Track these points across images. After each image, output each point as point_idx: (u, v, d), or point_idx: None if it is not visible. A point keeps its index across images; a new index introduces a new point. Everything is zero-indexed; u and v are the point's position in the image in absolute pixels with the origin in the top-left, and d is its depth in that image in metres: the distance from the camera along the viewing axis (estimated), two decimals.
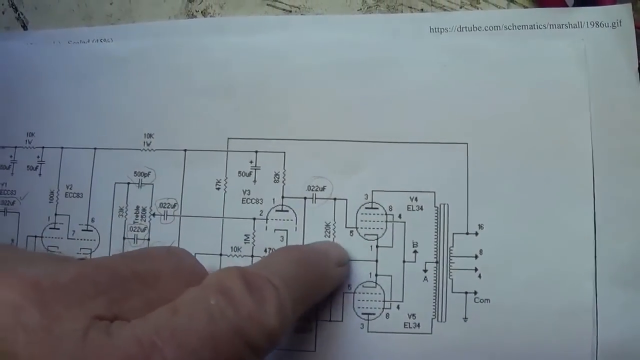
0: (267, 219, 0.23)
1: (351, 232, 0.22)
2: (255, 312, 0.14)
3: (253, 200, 0.23)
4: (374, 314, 0.22)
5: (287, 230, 0.23)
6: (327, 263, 0.20)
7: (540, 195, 0.22)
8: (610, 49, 0.23)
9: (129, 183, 0.23)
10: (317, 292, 0.19)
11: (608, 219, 0.22)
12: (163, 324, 0.13)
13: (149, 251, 0.17)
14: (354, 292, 0.22)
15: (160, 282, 0.15)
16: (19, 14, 0.25)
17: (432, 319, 0.22)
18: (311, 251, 0.20)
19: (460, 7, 0.24)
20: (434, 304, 0.22)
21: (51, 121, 0.24)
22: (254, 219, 0.23)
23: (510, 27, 0.24)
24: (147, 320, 0.13)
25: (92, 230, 0.23)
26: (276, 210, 0.23)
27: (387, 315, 0.22)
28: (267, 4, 0.25)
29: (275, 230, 0.23)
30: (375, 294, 0.22)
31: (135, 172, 0.23)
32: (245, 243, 0.23)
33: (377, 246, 0.22)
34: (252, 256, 0.23)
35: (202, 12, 0.25)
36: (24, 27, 0.25)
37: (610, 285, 0.22)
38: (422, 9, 0.24)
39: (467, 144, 0.23)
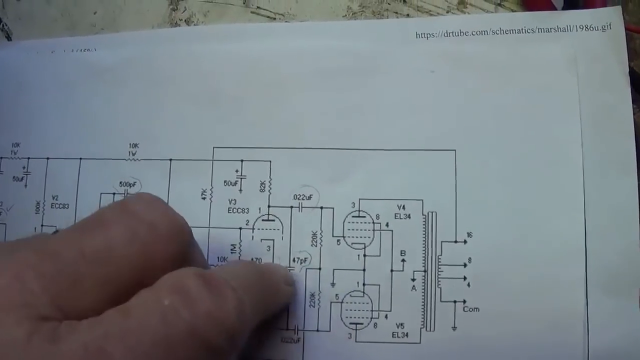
0: (253, 229, 0.23)
1: (338, 241, 0.22)
2: (213, 310, 0.13)
3: (239, 210, 0.23)
4: (362, 323, 0.22)
5: (273, 240, 0.22)
6: (277, 277, 0.20)
7: (530, 202, 0.22)
8: (601, 53, 0.23)
9: (114, 193, 0.23)
10: (271, 302, 0.19)
11: (599, 225, 0.22)
12: (113, 328, 0.12)
13: (99, 216, 0.14)
14: (342, 302, 0.22)
15: (113, 255, 0.13)
16: (2, 25, 0.25)
17: (421, 328, 0.22)
18: (262, 265, 0.20)
19: (447, 12, 0.24)
20: (423, 313, 0.22)
21: (36, 131, 0.24)
22: (240, 228, 0.23)
23: (498, 32, 0.23)
24: (96, 324, 0.12)
25: None
26: (262, 220, 0.23)
27: (375, 325, 0.22)
28: (251, 12, 0.25)
29: (261, 239, 0.22)
30: (363, 303, 0.22)
31: (120, 183, 0.23)
32: (231, 253, 0.22)
33: (364, 255, 0.22)
34: None
35: (185, 20, 0.25)
36: (8, 38, 0.25)
37: (601, 292, 0.21)
38: (407, 14, 0.24)
39: (455, 150, 0.22)
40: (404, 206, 0.22)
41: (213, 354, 0.13)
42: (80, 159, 0.24)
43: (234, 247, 0.22)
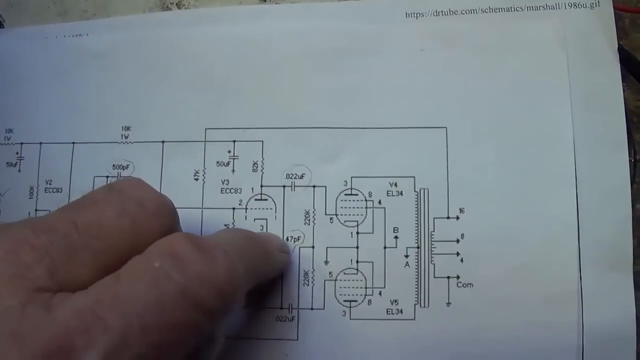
0: (246, 209, 0.23)
1: (331, 219, 0.22)
2: (204, 271, 0.13)
3: (232, 190, 0.23)
4: (355, 300, 0.22)
5: (266, 219, 0.23)
6: (271, 245, 0.20)
7: (521, 179, 0.22)
8: (590, 30, 0.23)
9: (107, 176, 0.23)
10: (263, 268, 0.19)
11: (591, 202, 0.22)
12: (105, 293, 0.12)
13: (91, 195, 0.15)
14: (335, 280, 0.22)
15: (104, 228, 0.14)
16: None
17: (415, 304, 0.22)
18: (256, 233, 0.20)
19: None
20: (417, 289, 0.22)
21: (29, 117, 0.24)
22: (233, 208, 0.23)
23: (487, 10, 0.23)
24: (89, 291, 0.12)
25: None
26: (255, 200, 0.23)
27: (369, 302, 0.22)
28: None
29: (254, 219, 0.23)
30: (357, 280, 0.22)
31: (113, 166, 0.23)
32: None
33: (357, 233, 0.22)
34: None
35: (176, 4, 0.25)
36: (1, 25, 0.25)
37: (594, 269, 0.21)
38: None
39: (446, 128, 0.23)
40: (396, 183, 0.22)
41: (205, 316, 0.13)
42: (73, 143, 0.24)
43: (227, 227, 0.23)
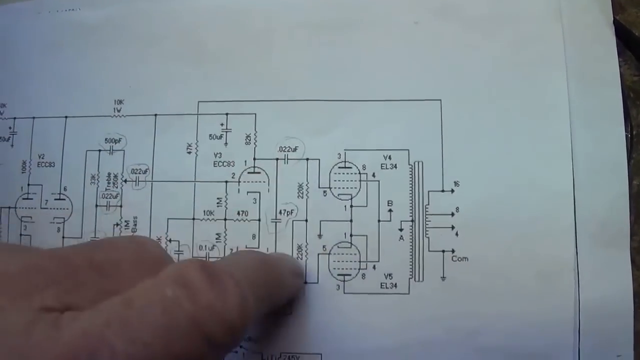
0: (239, 182, 0.22)
1: (324, 192, 0.22)
2: (215, 304, 0.13)
3: (224, 163, 0.23)
4: (349, 274, 0.22)
5: (259, 192, 0.22)
6: (284, 269, 0.20)
7: (516, 152, 0.22)
8: (585, 3, 0.23)
9: (100, 150, 0.23)
10: (276, 295, 0.19)
11: (587, 176, 0.22)
12: (114, 316, 0.12)
13: (111, 240, 0.16)
14: (329, 253, 0.22)
15: (119, 271, 0.14)
16: None
17: (410, 278, 0.21)
18: (270, 256, 0.20)
19: None
20: (411, 263, 0.22)
21: (22, 92, 0.24)
22: (226, 182, 0.23)
23: None
24: (98, 312, 0.12)
25: (64, 199, 0.23)
26: (248, 172, 0.23)
27: (364, 276, 0.22)
28: None
29: (247, 192, 0.22)
30: (351, 254, 0.22)
31: (106, 139, 0.23)
32: (217, 206, 0.22)
33: (351, 206, 0.22)
34: (225, 219, 0.22)
35: None
36: None
37: (591, 242, 0.21)
38: None
39: (440, 100, 0.22)
40: (390, 156, 0.22)
41: (213, 348, 0.13)
42: (66, 117, 0.23)
43: (220, 201, 0.22)
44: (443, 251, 0.22)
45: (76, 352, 0.11)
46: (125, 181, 0.23)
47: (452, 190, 0.22)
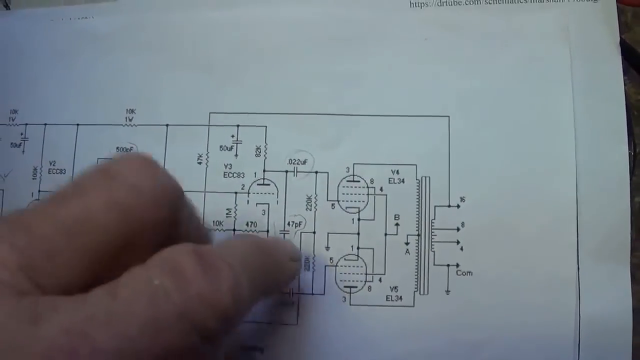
0: (248, 193, 0.23)
1: (332, 205, 0.22)
2: (205, 291, 0.12)
3: (234, 175, 0.23)
4: (356, 287, 0.22)
5: (268, 204, 0.23)
6: (281, 254, 0.19)
7: (522, 169, 0.22)
8: (592, 23, 0.23)
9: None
10: (272, 281, 0.18)
11: (590, 193, 0.22)
12: (98, 311, 0.11)
13: (78, 182, 0.13)
14: (336, 265, 0.22)
15: (90, 223, 0.12)
16: None
17: (415, 291, 0.22)
18: (266, 240, 0.19)
19: None
20: (416, 276, 0.22)
21: (34, 98, 0.24)
22: (236, 193, 0.23)
23: (491, 2, 0.24)
24: (80, 305, 0.11)
25: None
26: (257, 184, 0.23)
27: (369, 288, 0.22)
28: None
29: (257, 204, 0.23)
30: (357, 267, 0.22)
31: (117, 148, 0.23)
32: (227, 217, 0.23)
33: (358, 219, 0.22)
34: (234, 230, 0.23)
35: None
36: (7, 7, 0.25)
37: (593, 258, 0.22)
38: None
39: (448, 116, 0.23)
40: (397, 171, 0.22)
41: (204, 338, 0.12)
42: (78, 124, 0.24)
43: (230, 212, 0.23)
44: (448, 265, 0.22)
45: (54, 351, 0.10)
46: None
47: (458, 206, 0.22)
